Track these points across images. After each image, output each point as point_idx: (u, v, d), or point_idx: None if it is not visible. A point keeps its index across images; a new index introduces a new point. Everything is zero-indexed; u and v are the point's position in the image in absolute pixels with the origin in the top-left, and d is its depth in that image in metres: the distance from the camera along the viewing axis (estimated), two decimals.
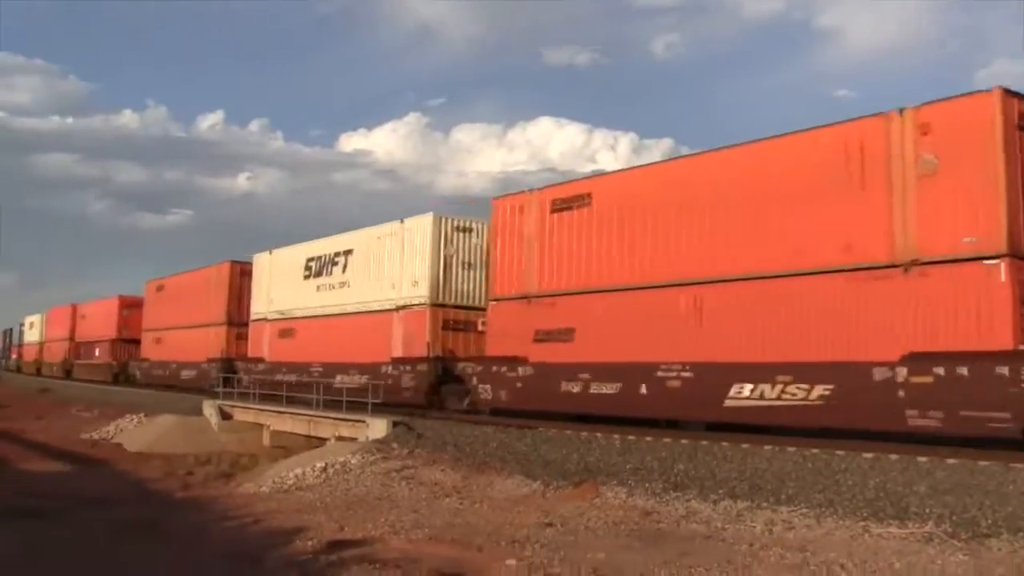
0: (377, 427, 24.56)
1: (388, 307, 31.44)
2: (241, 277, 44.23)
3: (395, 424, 24.54)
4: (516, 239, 25.69)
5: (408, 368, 29.77)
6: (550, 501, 16.98)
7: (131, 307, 61.38)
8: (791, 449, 16.79)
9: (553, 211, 24.40)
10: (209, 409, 34.43)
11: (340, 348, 33.71)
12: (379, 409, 26.67)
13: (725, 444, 17.89)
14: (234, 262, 45.01)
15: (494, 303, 26.58)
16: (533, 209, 25.10)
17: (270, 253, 41.48)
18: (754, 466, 16.48)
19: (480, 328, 28.17)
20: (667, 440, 18.96)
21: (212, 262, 49.78)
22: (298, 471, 21.86)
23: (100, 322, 66.10)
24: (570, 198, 24.09)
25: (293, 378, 35.28)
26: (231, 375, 39.39)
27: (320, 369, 34.50)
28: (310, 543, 13.92)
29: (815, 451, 16.40)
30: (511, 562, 12.02)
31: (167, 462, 27.90)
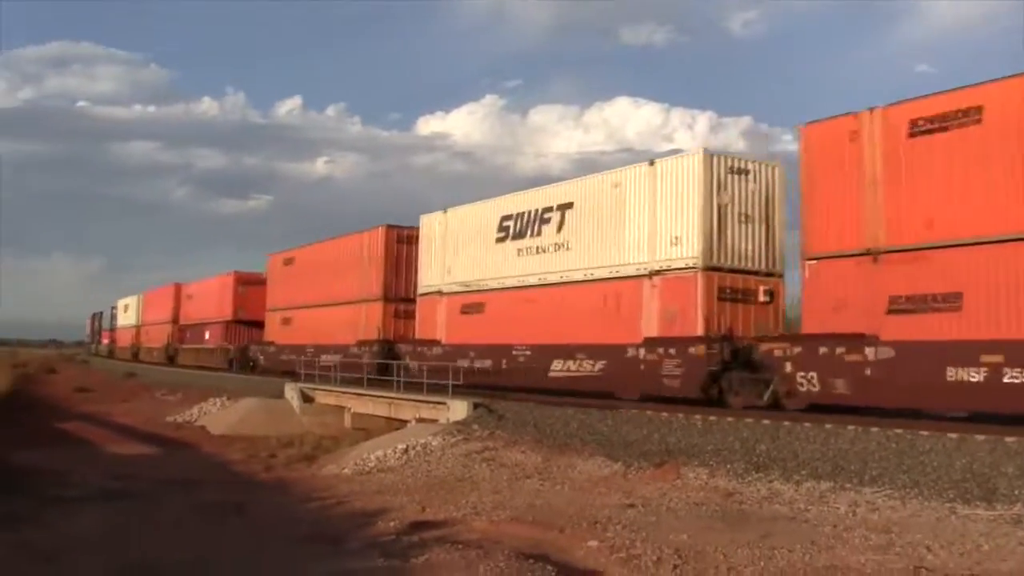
0: (458, 409, 24.74)
1: (633, 273, 24.96)
2: (398, 244, 38.36)
3: (476, 406, 24.67)
4: (848, 175, 19.49)
5: (673, 352, 22.91)
6: (631, 482, 17.00)
7: (249, 284, 55.77)
8: (874, 429, 16.55)
9: (914, 134, 18.34)
10: (291, 392, 34.99)
11: (553, 326, 27.20)
12: (459, 391, 26.89)
13: (808, 424, 17.69)
14: (390, 227, 38.74)
15: (813, 263, 20.15)
16: (876, 133, 18.99)
17: (444, 213, 34.55)
18: (837, 447, 16.30)
19: (762, 298, 23.49)
20: (748, 420, 18.80)
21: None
22: (379, 453, 22.16)
23: (212, 302, 60.56)
24: (944, 115, 17.92)
25: (487, 364, 29.84)
26: (391, 361, 34.45)
27: (526, 353, 28.20)
28: (392, 524, 14.14)
29: (899, 431, 16.15)
30: (593, 543, 12.09)
31: (250, 444, 28.45)
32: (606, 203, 26.33)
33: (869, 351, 18.29)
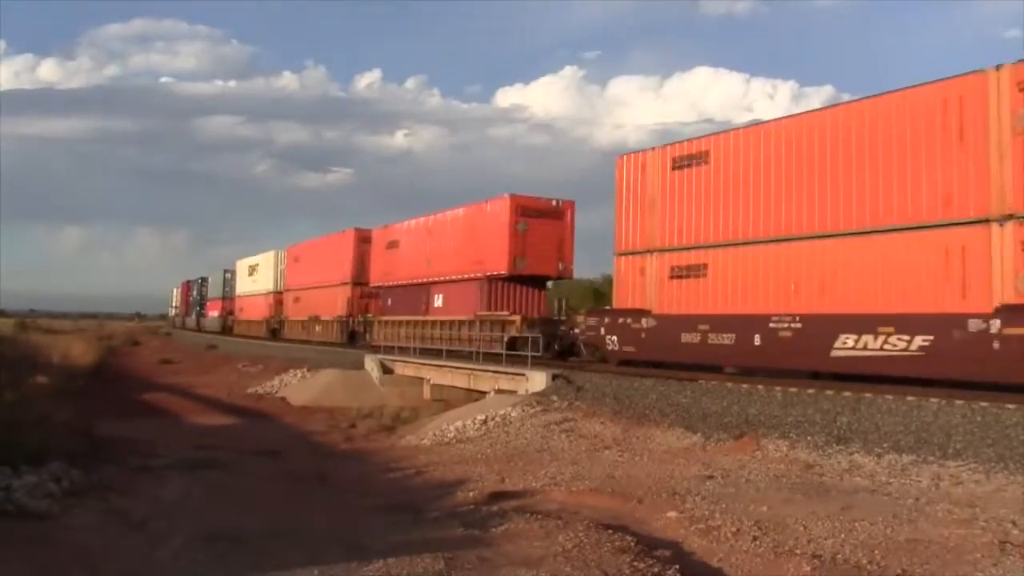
0: (537, 380, 24.90)
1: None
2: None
3: (554, 377, 24.81)
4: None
5: None
6: (710, 453, 17.03)
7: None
8: (959, 402, 16.32)
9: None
10: (371, 363, 35.51)
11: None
12: (538, 362, 27.04)
13: (889, 397, 17.51)
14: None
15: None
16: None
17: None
18: (920, 419, 16.12)
19: None
20: (829, 392, 18.66)
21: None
22: (459, 424, 22.43)
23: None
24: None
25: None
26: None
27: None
28: (471, 494, 14.35)
29: (984, 404, 15.90)
30: (672, 514, 12.16)
31: (330, 415, 29.04)
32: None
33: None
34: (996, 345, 16.64)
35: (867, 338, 19.01)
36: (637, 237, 26.20)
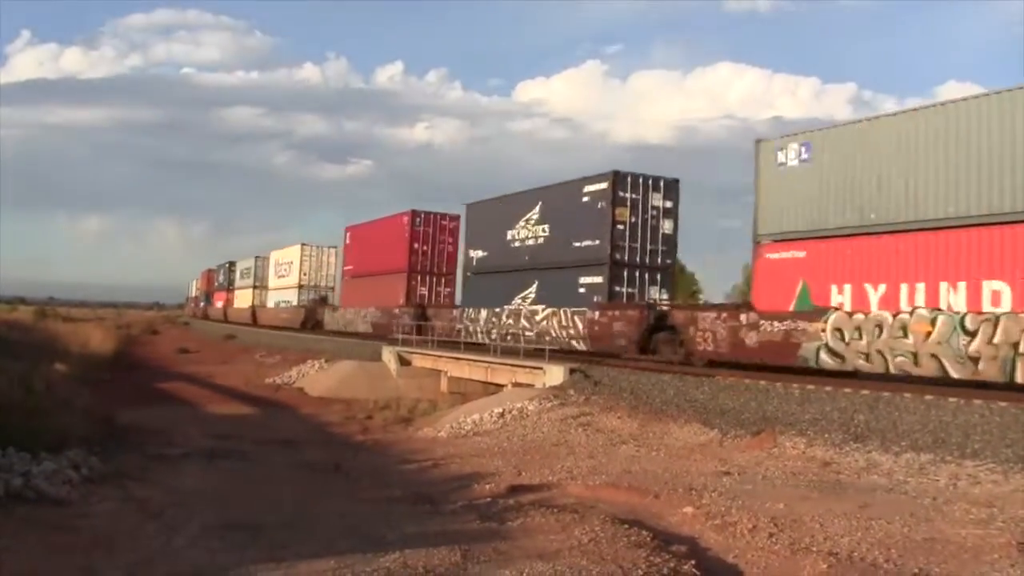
0: (554, 374, 24.91)
1: None
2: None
3: (572, 371, 24.82)
4: None
5: None
6: (727, 450, 17.00)
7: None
8: (977, 402, 16.25)
9: None
10: (388, 355, 35.53)
11: None
12: (556, 356, 27.03)
13: (908, 395, 17.45)
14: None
15: None
16: None
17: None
18: (938, 418, 16.06)
19: None
20: (847, 390, 18.61)
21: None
22: (476, 416, 22.48)
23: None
24: None
25: None
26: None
27: None
28: (488, 487, 14.36)
29: (1003, 404, 15.83)
30: (688, 509, 12.15)
31: (347, 407, 29.07)
32: None
33: None
34: None
35: None
36: None
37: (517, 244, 35.36)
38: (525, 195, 35.43)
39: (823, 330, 20.47)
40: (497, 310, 35.90)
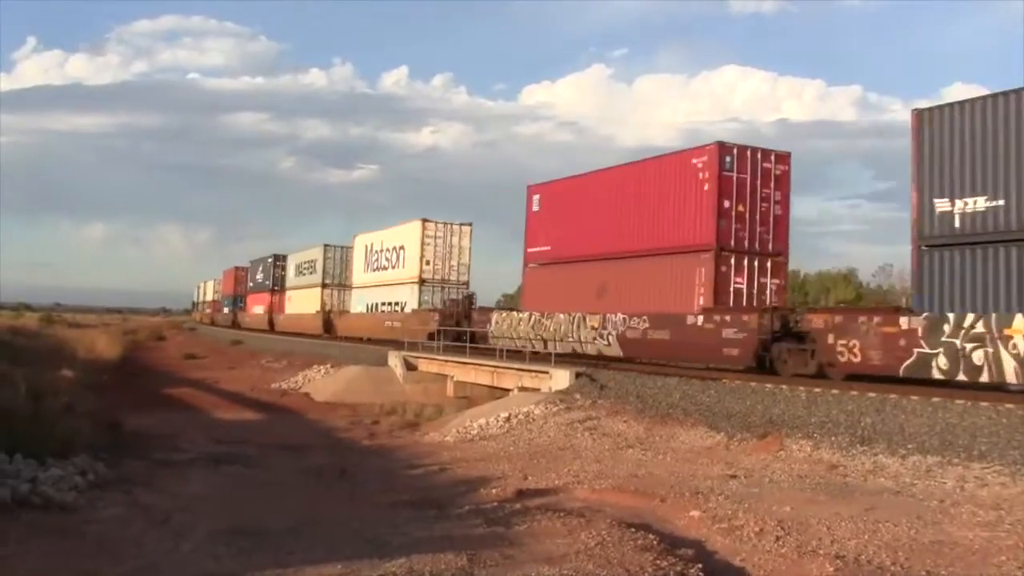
0: (560, 378, 24.88)
1: None
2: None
3: (578, 375, 24.78)
4: None
5: None
6: (734, 453, 16.98)
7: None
8: (984, 404, 16.21)
9: None
10: (394, 360, 35.52)
11: None
12: (562, 360, 26.99)
13: (915, 398, 17.40)
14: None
15: None
16: None
17: None
18: (945, 420, 16.02)
19: None
20: (854, 393, 18.56)
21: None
22: (482, 421, 22.46)
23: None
24: None
25: None
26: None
27: None
28: (495, 491, 14.32)
29: (1010, 406, 15.79)
30: (695, 513, 12.13)
31: (353, 411, 29.11)
32: None
33: None
34: None
35: None
36: None
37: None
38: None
39: None
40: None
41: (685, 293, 25.87)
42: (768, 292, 25.90)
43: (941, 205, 18.91)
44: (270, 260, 73.17)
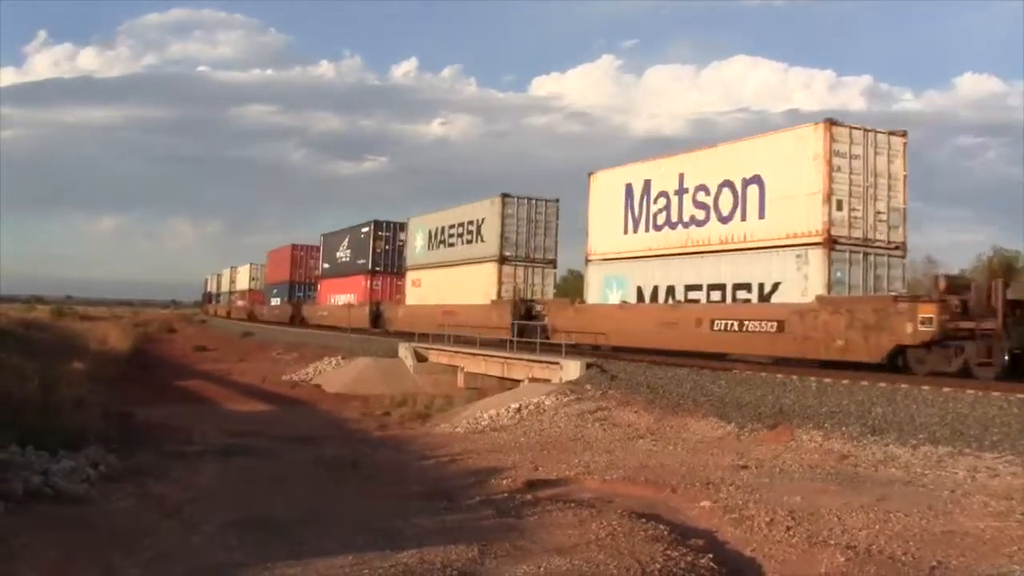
0: (571, 369, 24.87)
1: None
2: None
3: (588, 366, 24.77)
4: None
5: None
6: (744, 443, 16.96)
7: None
8: (995, 394, 16.17)
9: None
10: (405, 351, 35.57)
11: None
12: (573, 351, 26.97)
13: (926, 388, 17.36)
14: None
15: None
16: None
17: None
18: (956, 411, 15.97)
19: None
20: (864, 383, 18.53)
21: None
22: (492, 412, 22.47)
23: None
24: None
25: None
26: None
27: None
28: (505, 482, 14.34)
29: (1021, 396, 15.75)
30: (705, 503, 12.13)
31: (364, 403, 29.17)
32: None
33: None
34: None
35: None
36: None
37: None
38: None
39: None
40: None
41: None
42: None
43: None
44: (365, 231, 54.03)
